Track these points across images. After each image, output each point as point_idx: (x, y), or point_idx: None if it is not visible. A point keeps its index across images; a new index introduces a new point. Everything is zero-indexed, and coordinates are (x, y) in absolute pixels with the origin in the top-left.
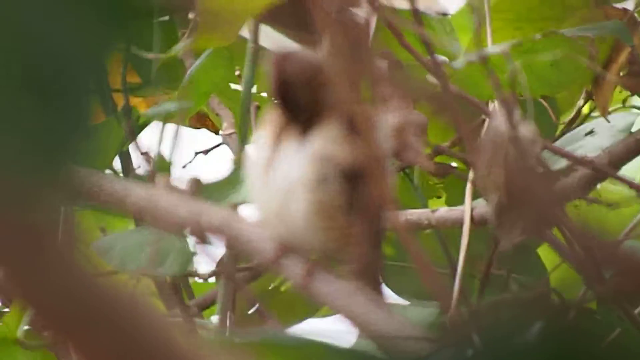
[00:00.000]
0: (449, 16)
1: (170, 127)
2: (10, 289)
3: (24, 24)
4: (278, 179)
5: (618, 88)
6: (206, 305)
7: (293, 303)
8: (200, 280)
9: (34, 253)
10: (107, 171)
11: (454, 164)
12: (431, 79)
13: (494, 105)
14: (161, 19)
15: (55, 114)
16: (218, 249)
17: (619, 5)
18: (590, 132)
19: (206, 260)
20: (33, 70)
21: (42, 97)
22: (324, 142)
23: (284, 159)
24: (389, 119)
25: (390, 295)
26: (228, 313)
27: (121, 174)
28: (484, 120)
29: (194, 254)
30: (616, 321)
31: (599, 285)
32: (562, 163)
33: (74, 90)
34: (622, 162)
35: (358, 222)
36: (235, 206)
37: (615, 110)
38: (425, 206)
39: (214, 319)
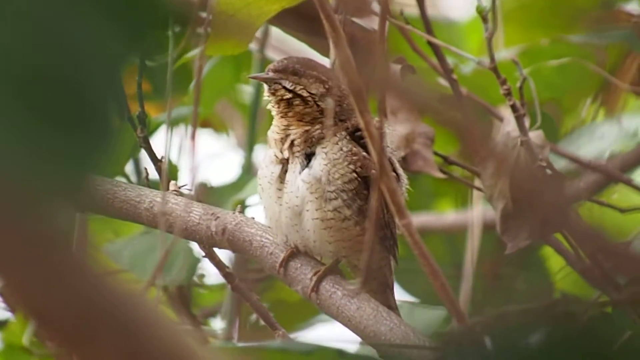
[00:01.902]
0: (460, 23)
1: (178, 131)
2: (16, 299)
3: (48, 36)
4: (288, 196)
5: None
6: (210, 313)
7: (299, 312)
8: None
9: (46, 261)
10: (119, 178)
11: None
12: (442, 82)
13: (504, 111)
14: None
15: (79, 127)
16: (225, 257)
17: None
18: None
19: (212, 268)
20: (58, 82)
21: (66, 112)
22: (332, 160)
23: (292, 176)
24: (398, 129)
25: (401, 294)
26: (234, 321)
27: (133, 180)
28: (492, 125)
29: (200, 260)
30: (631, 325)
31: (614, 291)
32: (563, 163)
33: (97, 104)
34: (634, 168)
35: (368, 229)
36: (243, 208)
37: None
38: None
39: (218, 326)
